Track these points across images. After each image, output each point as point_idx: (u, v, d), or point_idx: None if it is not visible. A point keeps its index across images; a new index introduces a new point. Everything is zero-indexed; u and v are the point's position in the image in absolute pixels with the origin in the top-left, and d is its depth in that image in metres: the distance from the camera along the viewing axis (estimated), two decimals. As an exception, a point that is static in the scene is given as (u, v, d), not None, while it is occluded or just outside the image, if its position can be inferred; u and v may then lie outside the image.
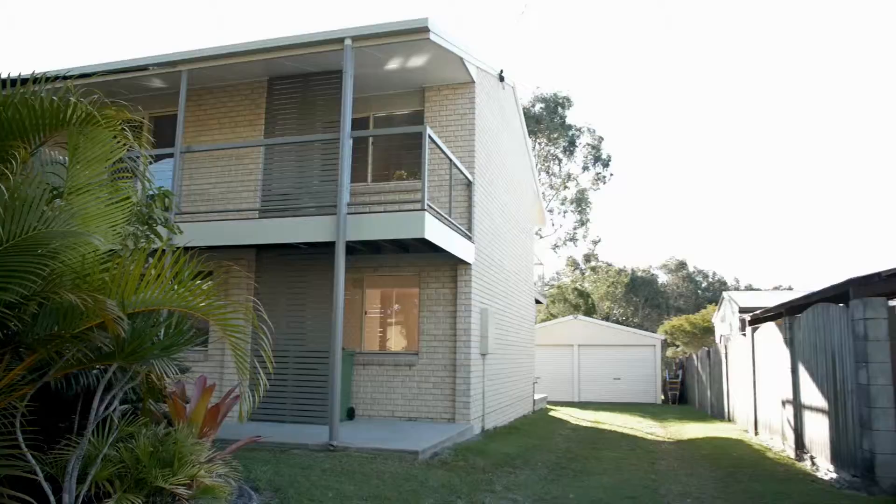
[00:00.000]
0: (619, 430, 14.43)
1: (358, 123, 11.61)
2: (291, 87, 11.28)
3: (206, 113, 12.06)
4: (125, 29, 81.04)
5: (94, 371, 3.97)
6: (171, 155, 10.00)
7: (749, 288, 54.39)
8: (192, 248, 9.88)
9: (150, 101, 12.33)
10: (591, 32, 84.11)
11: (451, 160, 10.14)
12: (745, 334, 14.18)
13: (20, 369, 3.22)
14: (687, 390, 25.61)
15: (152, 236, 5.12)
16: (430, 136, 8.99)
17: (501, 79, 13.30)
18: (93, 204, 3.53)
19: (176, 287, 3.45)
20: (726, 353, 16.78)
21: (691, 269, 57.43)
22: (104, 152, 3.58)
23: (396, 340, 11.71)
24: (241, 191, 11.42)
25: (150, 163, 12.39)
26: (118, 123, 3.48)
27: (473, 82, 11.37)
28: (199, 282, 3.63)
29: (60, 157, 4.05)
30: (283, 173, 10.83)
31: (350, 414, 10.77)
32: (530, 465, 8.44)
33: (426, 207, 8.70)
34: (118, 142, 3.59)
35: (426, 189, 8.79)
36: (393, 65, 10.77)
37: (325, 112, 10.78)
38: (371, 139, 11.88)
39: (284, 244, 10.37)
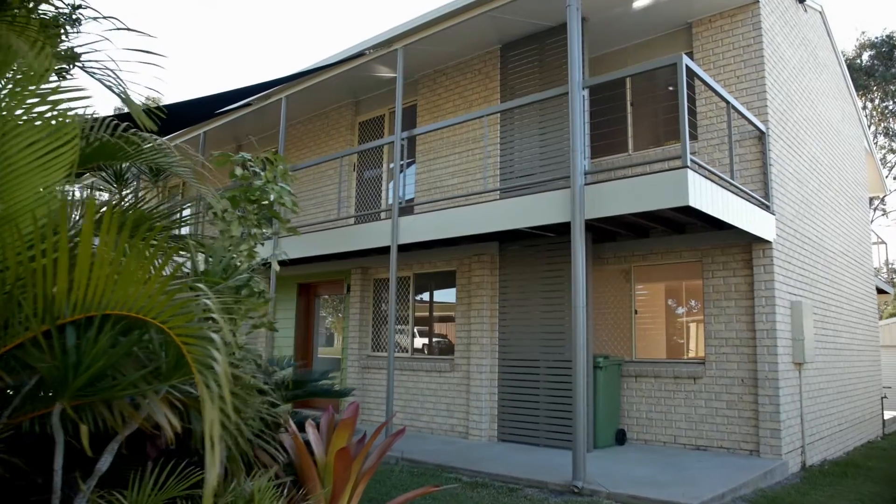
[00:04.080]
0: None
1: (613, 83, 9.51)
2: (526, 51, 9.66)
3: (440, 97, 10.98)
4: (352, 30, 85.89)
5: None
6: (409, 146, 9.02)
7: None
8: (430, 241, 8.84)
9: (389, 96, 11.72)
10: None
11: (727, 101, 7.55)
12: None
13: None
14: None
15: (264, 220, 3.81)
16: (687, 67, 6.60)
17: (801, -2, 10.11)
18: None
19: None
20: None
21: None
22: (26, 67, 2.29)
23: (675, 346, 9.27)
24: (480, 177, 10.07)
25: (402, 169, 11.77)
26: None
27: (757, 2, 8.56)
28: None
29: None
30: (523, 147, 9.25)
31: (620, 438, 8.69)
32: (880, 533, 5.56)
33: (689, 164, 6.36)
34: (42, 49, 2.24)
35: (686, 140, 6.42)
36: (643, -2, 8.55)
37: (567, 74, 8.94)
38: (630, 101, 9.70)
39: (528, 234, 8.79)
